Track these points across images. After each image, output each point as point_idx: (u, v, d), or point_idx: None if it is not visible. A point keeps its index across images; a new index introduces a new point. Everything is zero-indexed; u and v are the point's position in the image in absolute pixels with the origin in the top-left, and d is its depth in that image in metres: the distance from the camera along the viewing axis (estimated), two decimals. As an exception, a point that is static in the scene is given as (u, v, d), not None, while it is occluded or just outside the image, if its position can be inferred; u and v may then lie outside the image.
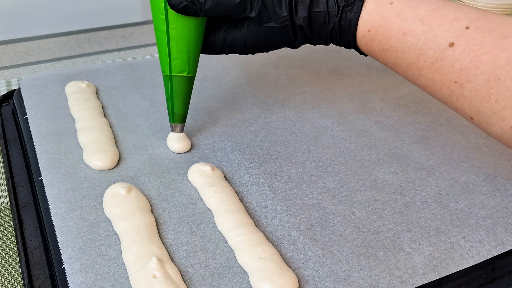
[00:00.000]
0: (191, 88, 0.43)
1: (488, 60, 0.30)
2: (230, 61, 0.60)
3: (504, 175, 0.43)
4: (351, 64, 0.61)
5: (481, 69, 0.31)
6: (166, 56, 0.41)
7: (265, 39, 0.39)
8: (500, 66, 0.30)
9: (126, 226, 0.34)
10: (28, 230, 0.37)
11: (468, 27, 0.31)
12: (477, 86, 0.31)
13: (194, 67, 0.42)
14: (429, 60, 0.33)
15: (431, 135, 0.48)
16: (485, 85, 0.31)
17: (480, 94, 0.31)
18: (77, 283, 0.31)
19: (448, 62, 0.32)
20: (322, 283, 0.32)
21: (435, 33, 0.32)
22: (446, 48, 0.32)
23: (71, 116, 0.47)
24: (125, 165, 0.42)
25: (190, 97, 0.44)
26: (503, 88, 0.30)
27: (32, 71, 0.65)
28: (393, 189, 0.41)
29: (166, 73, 0.42)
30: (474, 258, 0.35)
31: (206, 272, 0.33)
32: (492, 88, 0.30)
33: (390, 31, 0.34)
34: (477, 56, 0.31)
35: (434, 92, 0.35)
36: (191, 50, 0.41)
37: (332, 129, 0.48)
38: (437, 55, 0.32)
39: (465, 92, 0.32)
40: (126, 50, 0.71)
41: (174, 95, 0.42)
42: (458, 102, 0.33)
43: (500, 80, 0.30)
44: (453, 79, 0.32)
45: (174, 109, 0.43)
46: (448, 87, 0.33)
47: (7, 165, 0.44)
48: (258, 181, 0.41)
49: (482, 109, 0.32)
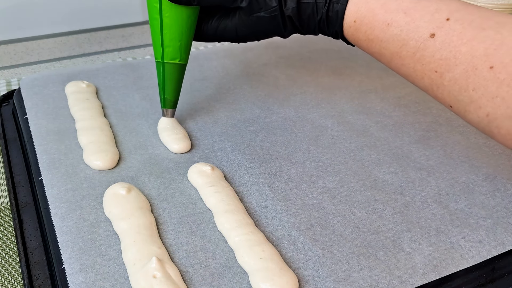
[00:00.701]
0: (183, 75, 0.45)
1: (466, 51, 0.31)
2: (230, 61, 0.60)
3: (504, 175, 0.43)
4: (351, 64, 0.61)
5: (460, 59, 0.32)
6: (159, 43, 0.42)
7: (256, 28, 0.40)
8: (477, 57, 0.31)
9: (126, 226, 0.34)
10: (28, 230, 0.37)
11: (449, 18, 0.33)
12: (456, 75, 0.32)
13: (186, 54, 0.44)
14: (411, 50, 0.34)
15: (431, 135, 0.48)
16: (463, 75, 0.32)
17: (459, 83, 0.32)
18: (77, 283, 0.31)
19: (429, 52, 0.33)
20: (322, 283, 0.32)
21: (417, 24, 0.33)
22: (427, 38, 0.33)
23: (71, 116, 0.47)
24: (125, 165, 0.42)
25: (181, 83, 0.45)
26: (480, 78, 0.31)
27: (32, 71, 0.65)
28: (393, 189, 0.41)
29: (158, 60, 0.43)
30: (474, 258, 0.35)
31: (206, 272, 0.33)
32: (470, 78, 0.31)
33: (374, 22, 0.35)
34: (456, 47, 0.32)
35: (416, 81, 0.36)
36: (183, 38, 0.42)
37: (332, 129, 0.48)
38: (418, 45, 0.33)
39: (445, 81, 0.33)
40: (126, 50, 0.71)
41: (166, 81, 0.44)
42: (438, 91, 0.34)
43: (477, 70, 0.31)
44: (434, 69, 0.33)
45: (166, 95, 0.45)
46: (429, 77, 0.34)
47: (7, 165, 0.44)
48: (258, 181, 0.41)
49: (461, 97, 0.33)
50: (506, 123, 0.31)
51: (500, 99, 0.30)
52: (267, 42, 0.66)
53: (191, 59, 0.60)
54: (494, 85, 0.30)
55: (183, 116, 0.49)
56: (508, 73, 0.30)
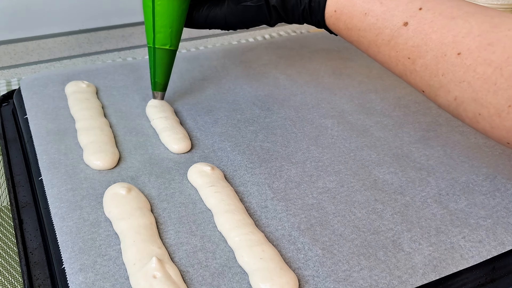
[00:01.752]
0: (173, 60, 0.47)
1: (436, 38, 0.33)
2: (230, 61, 0.60)
3: (504, 175, 0.43)
4: (351, 64, 0.61)
5: (431, 46, 0.34)
6: (150, 29, 0.45)
7: (243, 17, 0.43)
8: (446, 44, 0.33)
9: (126, 226, 0.34)
10: (28, 230, 0.37)
11: (421, 8, 0.35)
12: (427, 61, 0.34)
13: (176, 41, 0.46)
14: (386, 38, 0.36)
15: (431, 135, 0.48)
16: (433, 61, 0.34)
17: (430, 69, 0.34)
18: (77, 283, 0.31)
19: (402, 40, 0.35)
20: (322, 283, 0.32)
21: (392, 14, 0.36)
22: (400, 27, 0.35)
23: (71, 116, 0.47)
24: (125, 165, 0.42)
25: (171, 68, 0.48)
26: (448, 63, 0.33)
27: (32, 71, 0.65)
28: (393, 189, 0.41)
29: (150, 45, 0.46)
30: (474, 258, 0.35)
31: (206, 272, 0.33)
32: (440, 63, 0.33)
33: (353, 12, 0.38)
34: (428, 35, 0.34)
35: (391, 67, 0.37)
36: (174, 26, 0.45)
37: (332, 129, 0.48)
38: (393, 33, 0.35)
39: (417, 67, 0.35)
40: (126, 50, 0.71)
41: (157, 65, 0.47)
42: (411, 76, 0.36)
43: (446, 56, 0.33)
44: (407, 55, 0.35)
45: (156, 78, 0.48)
46: (403, 63, 0.36)
47: (7, 165, 0.44)
48: (258, 181, 0.41)
49: (431, 82, 0.34)
50: (472, 106, 0.32)
51: (467, 84, 0.32)
52: (267, 42, 0.66)
53: (191, 59, 0.60)
54: (461, 70, 0.32)
55: (183, 116, 0.49)
56: (474, 59, 0.31)
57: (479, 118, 0.33)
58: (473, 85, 0.32)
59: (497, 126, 0.32)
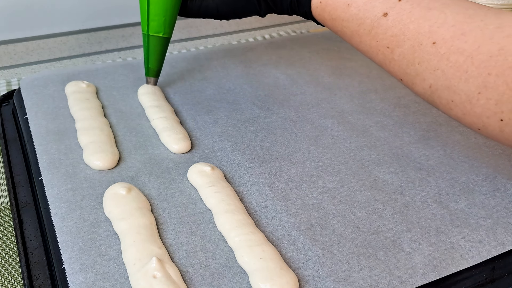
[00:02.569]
0: (166, 47, 0.49)
1: (414, 28, 0.35)
2: (230, 61, 0.60)
3: (504, 175, 0.43)
4: (351, 64, 0.61)
5: (408, 36, 0.35)
6: (145, 17, 0.47)
7: (234, 7, 0.45)
8: (422, 33, 0.34)
9: (126, 226, 0.34)
10: (28, 230, 0.37)
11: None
12: (404, 50, 0.35)
13: (169, 29, 0.48)
14: (367, 28, 0.37)
15: (431, 135, 0.48)
16: (410, 50, 0.35)
17: (407, 57, 0.35)
18: (77, 283, 0.31)
19: (382, 30, 0.36)
20: (322, 283, 0.32)
21: (373, 5, 0.37)
22: (380, 17, 0.36)
23: (71, 116, 0.47)
24: (125, 165, 0.42)
25: (164, 55, 0.50)
26: (424, 52, 0.34)
27: (32, 71, 0.65)
28: (393, 189, 0.41)
29: (144, 32, 0.48)
30: (474, 258, 0.35)
31: (206, 272, 0.33)
32: (416, 52, 0.35)
33: (337, 3, 0.39)
34: (405, 25, 0.35)
35: (372, 56, 0.39)
36: (167, 14, 0.47)
37: (332, 129, 0.48)
38: (373, 23, 0.37)
39: (395, 56, 0.36)
40: (126, 50, 0.71)
41: (150, 52, 0.49)
42: (390, 65, 0.37)
43: (422, 45, 0.34)
44: (386, 45, 0.37)
45: (149, 65, 0.50)
46: (382, 52, 0.37)
47: (7, 165, 0.44)
48: (258, 181, 0.41)
49: (408, 71, 0.36)
50: (446, 93, 0.34)
51: (441, 72, 0.33)
52: (267, 42, 0.66)
53: (191, 59, 0.60)
54: (435, 59, 0.33)
55: (183, 116, 0.49)
56: (448, 48, 0.33)
57: (452, 105, 0.34)
58: (446, 73, 0.33)
59: (468, 113, 0.33)
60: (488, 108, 0.31)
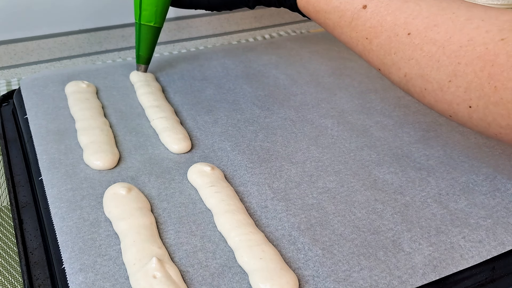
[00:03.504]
0: (157, 36, 0.51)
1: (390, 20, 0.36)
2: (230, 61, 0.60)
3: (504, 175, 0.43)
4: (351, 64, 0.61)
5: (385, 27, 0.36)
6: (137, 6, 0.49)
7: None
8: (399, 25, 0.36)
9: (126, 226, 0.34)
10: (28, 230, 0.37)
11: None
12: (381, 41, 0.37)
13: (161, 19, 0.50)
14: (348, 20, 0.39)
15: (431, 135, 0.48)
16: (387, 40, 0.36)
17: (384, 48, 0.37)
18: (77, 283, 0.31)
19: (361, 21, 0.38)
20: (322, 283, 0.32)
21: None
22: (360, 9, 0.38)
23: (71, 116, 0.47)
24: (125, 165, 0.42)
25: (155, 44, 0.52)
26: (400, 43, 0.36)
27: (32, 71, 0.65)
28: (393, 189, 0.41)
29: (136, 21, 0.50)
30: (474, 258, 0.35)
31: (206, 272, 0.33)
32: (392, 43, 0.36)
33: None
34: (383, 16, 0.37)
35: (352, 47, 0.40)
36: (159, 5, 0.49)
37: (332, 129, 0.48)
38: (353, 15, 0.38)
39: (373, 47, 0.38)
40: (126, 50, 0.71)
41: (141, 40, 0.51)
42: (369, 55, 0.39)
43: (398, 36, 0.36)
44: (365, 36, 0.38)
45: (140, 52, 0.52)
46: (362, 43, 0.39)
47: (7, 165, 0.44)
48: (258, 181, 0.41)
49: (385, 60, 0.37)
50: (419, 81, 0.35)
51: (415, 61, 0.35)
52: (267, 42, 0.66)
53: (191, 59, 0.60)
54: (410, 49, 0.35)
55: (183, 116, 0.49)
56: (422, 38, 0.34)
57: (425, 92, 0.35)
58: (420, 62, 0.34)
59: (440, 100, 0.34)
60: (458, 96, 0.33)
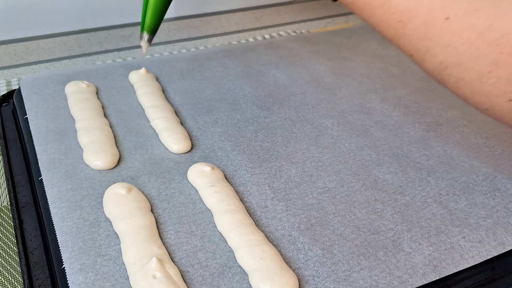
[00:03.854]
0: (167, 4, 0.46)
1: (426, 3, 0.34)
2: (230, 61, 0.60)
3: (504, 175, 0.43)
4: (351, 64, 0.61)
5: (420, 10, 0.35)
6: None
7: None
8: (435, 8, 0.34)
9: (126, 226, 0.34)
10: (28, 230, 0.37)
11: None
12: (416, 25, 0.35)
13: None
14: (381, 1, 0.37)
15: (431, 135, 0.48)
16: (422, 25, 0.35)
17: (418, 32, 0.35)
18: (77, 283, 0.31)
19: (394, 3, 0.36)
20: (322, 283, 0.32)
21: None
22: None
23: (71, 116, 0.47)
24: (125, 165, 0.42)
25: (164, 14, 0.46)
26: (436, 28, 0.34)
27: (32, 71, 0.65)
28: (393, 189, 0.41)
29: None
30: (474, 258, 0.35)
31: (206, 272, 0.33)
32: (428, 27, 0.34)
33: None
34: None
35: (383, 30, 0.38)
36: None
37: (332, 129, 0.48)
38: None
39: (406, 31, 0.36)
40: (126, 50, 0.71)
41: (149, 6, 0.45)
42: (401, 40, 0.37)
43: (433, 21, 0.34)
44: (398, 19, 0.36)
45: (147, 19, 0.46)
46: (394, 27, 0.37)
47: (7, 165, 0.44)
48: (258, 181, 0.41)
49: (419, 46, 0.35)
50: (455, 70, 0.33)
51: (452, 48, 0.33)
52: (267, 42, 0.66)
53: (191, 59, 0.60)
54: (447, 35, 0.33)
55: (183, 116, 0.49)
56: (460, 24, 0.32)
57: (460, 83, 0.34)
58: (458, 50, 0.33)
59: (477, 91, 0.33)
60: (497, 87, 0.31)
